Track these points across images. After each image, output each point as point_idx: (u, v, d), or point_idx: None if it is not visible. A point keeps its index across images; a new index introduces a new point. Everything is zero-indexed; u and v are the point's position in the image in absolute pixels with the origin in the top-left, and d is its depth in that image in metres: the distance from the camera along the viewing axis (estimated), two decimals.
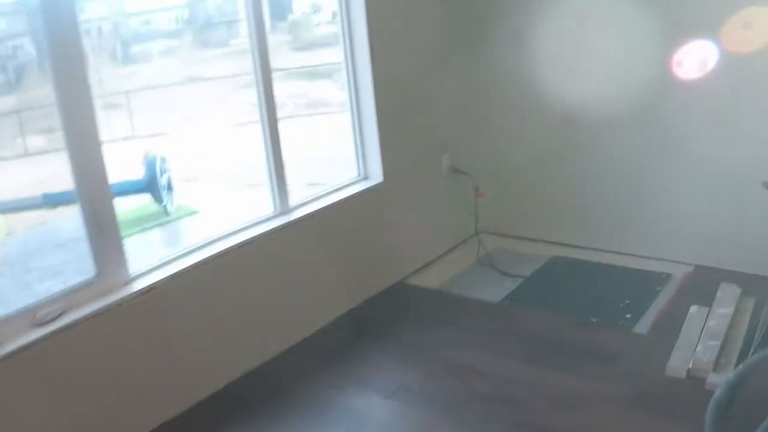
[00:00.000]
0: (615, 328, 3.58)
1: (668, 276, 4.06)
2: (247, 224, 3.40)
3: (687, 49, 3.73)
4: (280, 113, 3.37)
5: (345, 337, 3.68)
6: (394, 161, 3.98)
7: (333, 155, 3.88)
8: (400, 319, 3.79)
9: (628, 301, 3.82)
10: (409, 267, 4.28)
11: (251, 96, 3.28)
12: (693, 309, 3.61)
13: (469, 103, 4.55)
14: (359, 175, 4.01)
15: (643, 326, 3.57)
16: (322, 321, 3.72)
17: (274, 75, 3.35)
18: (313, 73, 3.74)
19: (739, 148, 3.80)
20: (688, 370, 3.13)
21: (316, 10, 3.72)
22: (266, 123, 3.39)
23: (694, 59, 3.74)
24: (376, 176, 3.95)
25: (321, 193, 3.77)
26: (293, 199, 3.60)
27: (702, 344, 3.22)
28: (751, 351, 3.00)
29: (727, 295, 3.64)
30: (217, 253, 3.16)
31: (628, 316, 3.67)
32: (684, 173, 4.02)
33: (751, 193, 3.76)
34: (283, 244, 3.44)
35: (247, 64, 3.26)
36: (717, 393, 2.43)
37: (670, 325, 3.49)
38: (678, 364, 3.17)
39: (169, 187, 4.68)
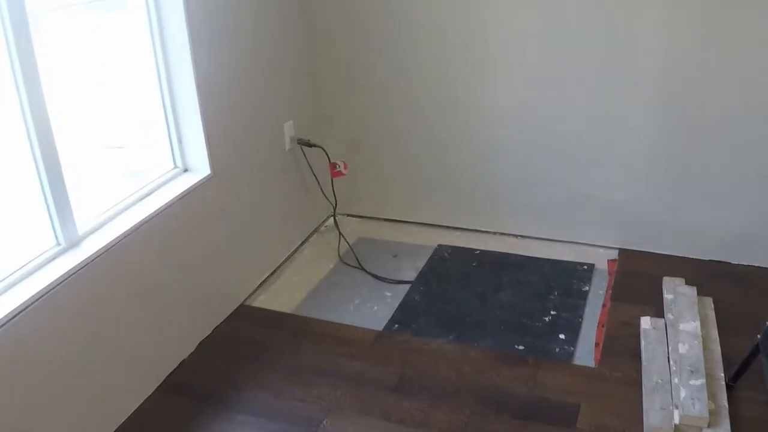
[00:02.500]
0: (552, 359, 2.68)
1: (590, 267, 3.22)
2: (13, 276, 2.06)
3: None
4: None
5: (177, 412, 2.45)
6: (224, 142, 2.76)
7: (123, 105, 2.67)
8: (245, 373, 2.61)
9: (553, 312, 2.95)
10: (253, 279, 3.11)
11: None
12: (645, 323, 2.84)
13: (320, 56, 3.39)
14: (175, 166, 2.71)
15: (586, 354, 2.71)
16: (145, 390, 2.49)
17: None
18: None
19: (665, 111, 3.02)
20: (676, 428, 2.48)
21: None
22: (21, 81, 1.96)
23: None
24: (201, 167, 2.68)
25: (125, 202, 2.45)
26: (82, 216, 2.27)
27: (682, 384, 2.37)
28: None
29: (681, 297, 2.82)
30: None
31: (562, 336, 2.80)
32: (592, 138, 3.16)
33: (678, 163, 3.09)
34: (70, 298, 2.13)
35: None
36: None
37: (622, 349, 2.66)
38: (658, 421, 2.35)
39: None
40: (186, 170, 2.71)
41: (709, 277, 3.08)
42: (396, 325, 2.91)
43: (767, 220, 3.09)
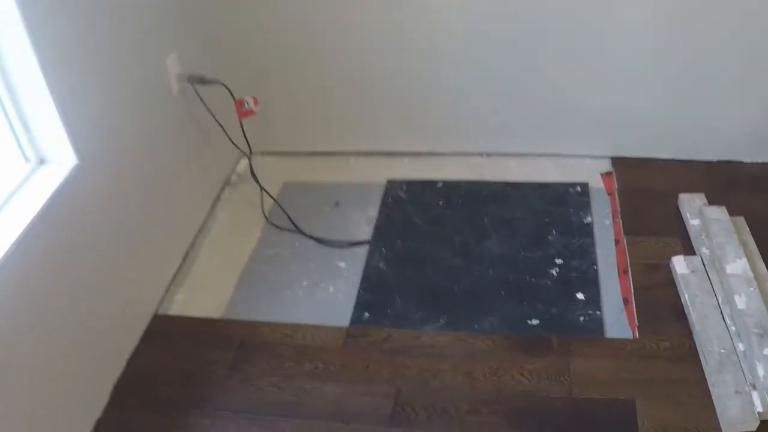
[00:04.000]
0: (580, 334, 2.12)
1: (584, 188, 2.65)
2: None
3: None
4: None
5: None
6: (87, 107, 1.91)
7: None
8: (187, 429, 1.95)
9: (559, 260, 2.38)
10: (162, 275, 2.37)
11: None
12: (678, 264, 2.31)
13: None
14: (27, 159, 1.85)
15: (617, 318, 2.16)
16: None
17: None
18: None
19: None
20: (759, 415, 1.99)
21: None
22: None
23: None
24: (63, 155, 1.85)
25: None
26: None
27: (755, 355, 1.91)
28: None
29: (713, 224, 2.32)
30: None
31: (581, 296, 2.25)
32: (571, 29, 2.48)
33: (678, 53, 2.48)
34: None
35: None
36: None
37: (659, 305, 2.18)
38: (738, 411, 1.86)
39: None
40: (42, 162, 1.88)
41: (724, 184, 2.62)
42: (366, 314, 2.27)
43: None
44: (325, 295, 2.34)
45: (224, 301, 2.35)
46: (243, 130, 2.59)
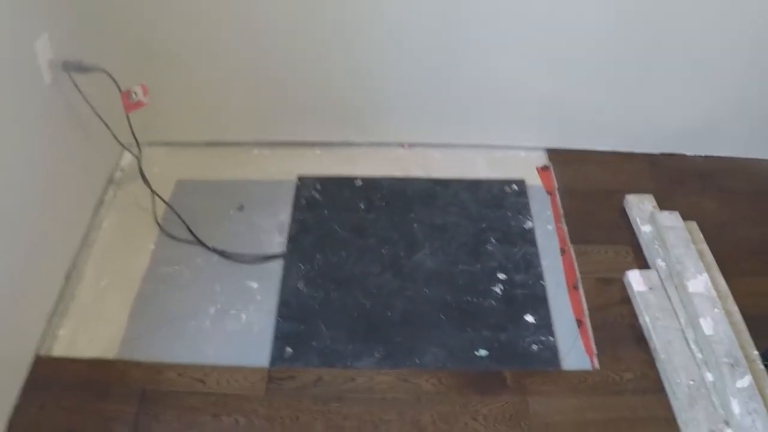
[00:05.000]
0: (535, 366, 1.91)
1: (521, 186, 2.42)
2: None
3: None
4: None
5: None
6: None
7: None
8: None
9: (501, 275, 2.15)
10: (41, 306, 1.94)
11: None
12: (634, 280, 2.13)
13: None
14: None
15: (573, 344, 1.97)
16: None
17: None
18: None
19: None
20: None
21: None
22: None
23: None
24: None
25: None
26: None
27: (728, 388, 1.77)
28: None
29: (668, 233, 2.15)
30: None
31: (531, 319, 2.04)
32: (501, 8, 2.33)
33: (620, 38, 2.26)
34: None
35: None
36: None
37: (616, 328, 2.01)
38: None
39: None
40: None
41: (670, 181, 2.48)
42: (288, 349, 1.96)
43: (730, 106, 2.46)
44: (237, 326, 2.01)
45: (118, 336, 1.98)
46: (129, 122, 2.18)
